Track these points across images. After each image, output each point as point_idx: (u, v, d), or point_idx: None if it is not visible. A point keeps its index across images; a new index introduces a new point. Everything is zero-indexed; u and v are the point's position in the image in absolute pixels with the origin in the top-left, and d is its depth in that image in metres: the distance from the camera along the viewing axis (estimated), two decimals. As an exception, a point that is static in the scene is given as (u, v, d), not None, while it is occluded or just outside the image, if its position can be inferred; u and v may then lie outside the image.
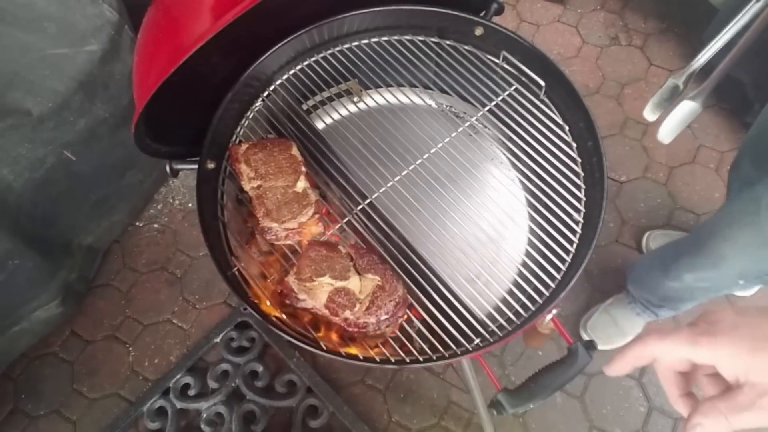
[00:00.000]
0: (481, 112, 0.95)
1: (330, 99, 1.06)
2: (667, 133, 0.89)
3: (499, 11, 0.98)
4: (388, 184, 0.89)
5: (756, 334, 0.38)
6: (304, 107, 1.05)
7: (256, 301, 0.82)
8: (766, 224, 0.88)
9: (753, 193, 0.91)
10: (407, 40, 0.99)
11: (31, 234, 1.34)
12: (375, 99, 0.99)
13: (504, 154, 0.99)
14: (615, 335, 1.52)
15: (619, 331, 1.52)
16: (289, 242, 0.85)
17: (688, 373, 0.44)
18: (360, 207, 0.87)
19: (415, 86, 1.03)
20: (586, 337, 1.53)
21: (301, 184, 0.87)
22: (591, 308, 1.58)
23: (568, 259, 0.81)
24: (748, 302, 1.59)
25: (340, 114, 1.00)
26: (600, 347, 1.51)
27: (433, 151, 0.92)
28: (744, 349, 0.38)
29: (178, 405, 1.47)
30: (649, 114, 0.90)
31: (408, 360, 0.76)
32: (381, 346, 0.80)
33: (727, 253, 0.99)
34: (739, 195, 0.99)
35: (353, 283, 0.79)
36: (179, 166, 0.92)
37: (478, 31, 0.96)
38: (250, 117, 0.97)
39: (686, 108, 0.86)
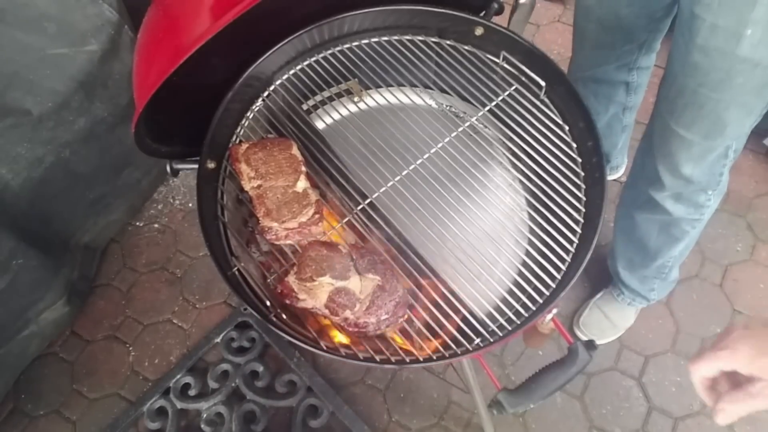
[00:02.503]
0: (481, 112, 0.95)
1: (330, 99, 1.06)
2: (515, 28, 1.00)
3: (499, 11, 0.98)
4: (388, 184, 0.89)
5: (760, 344, 0.53)
6: (304, 107, 1.04)
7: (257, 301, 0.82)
8: None
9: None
10: (407, 40, 0.99)
11: (31, 233, 1.34)
12: (375, 99, 0.99)
13: (504, 154, 0.99)
14: (608, 329, 1.53)
15: (612, 325, 1.53)
16: (289, 242, 0.85)
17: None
18: (360, 207, 0.87)
19: (415, 86, 1.03)
20: (580, 335, 1.54)
21: (302, 183, 0.87)
22: (581, 306, 1.59)
23: (568, 259, 0.81)
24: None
25: (340, 114, 1.00)
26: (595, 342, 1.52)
27: (433, 151, 0.92)
28: (753, 356, 0.53)
29: (179, 405, 1.47)
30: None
31: (408, 360, 0.76)
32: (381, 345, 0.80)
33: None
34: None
35: (353, 282, 0.79)
36: (179, 166, 0.92)
37: (478, 31, 0.96)
38: (250, 117, 0.97)
39: (523, 8, 1.01)
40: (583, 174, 0.87)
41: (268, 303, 0.82)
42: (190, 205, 1.81)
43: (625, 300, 1.49)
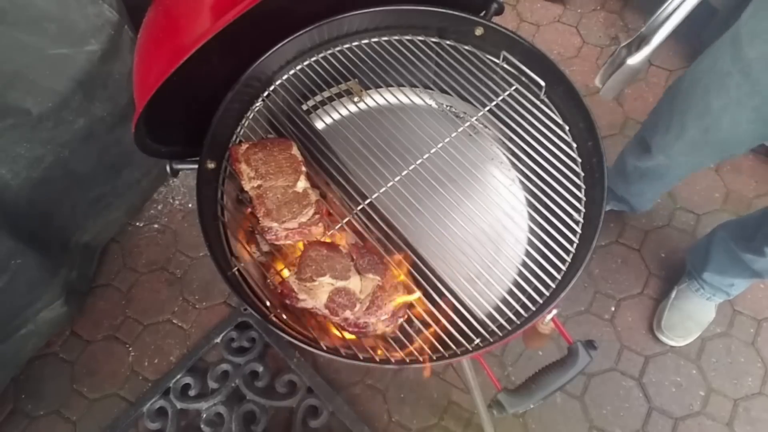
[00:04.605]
0: (481, 112, 0.95)
1: (330, 99, 1.06)
2: (608, 92, 0.95)
3: (499, 11, 0.98)
4: (388, 184, 0.89)
5: None
6: (304, 107, 1.04)
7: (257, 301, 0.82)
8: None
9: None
10: (407, 40, 0.99)
11: (30, 232, 1.34)
12: (375, 99, 0.99)
13: (504, 154, 1.00)
14: (692, 328, 1.51)
15: (696, 323, 1.51)
16: (289, 242, 0.85)
17: None
18: (360, 207, 0.87)
19: (415, 86, 1.03)
20: (666, 341, 1.52)
21: (302, 184, 0.87)
22: (657, 309, 1.57)
23: (568, 259, 0.81)
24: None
25: (340, 114, 1.00)
26: (681, 344, 1.52)
27: (433, 151, 0.92)
28: None
29: (179, 405, 1.47)
30: (601, 81, 0.96)
31: (408, 360, 0.76)
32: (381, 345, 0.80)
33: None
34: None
35: (353, 283, 0.79)
36: (179, 166, 0.92)
37: (478, 31, 0.96)
38: (250, 117, 0.97)
39: (627, 70, 0.92)
40: (583, 174, 0.87)
41: (268, 303, 0.82)
42: (190, 205, 1.81)
43: (705, 295, 1.47)
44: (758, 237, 1.22)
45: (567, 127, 0.91)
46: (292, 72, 0.99)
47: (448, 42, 0.99)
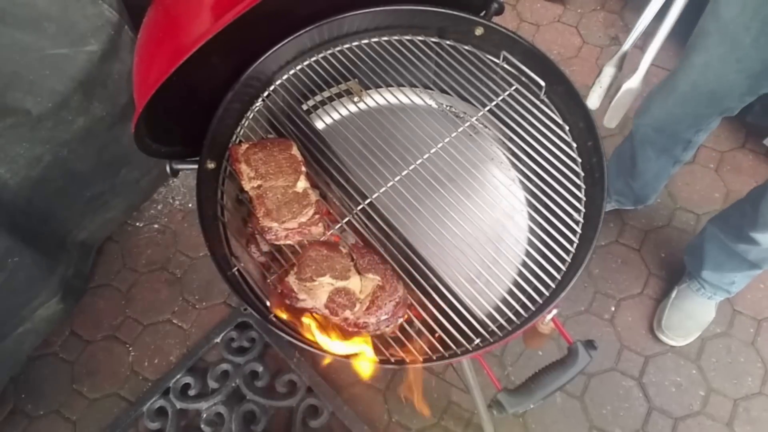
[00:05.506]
0: (481, 112, 0.95)
1: (330, 99, 1.06)
2: (611, 119, 0.95)
3: (499, 11, 0.98)
4: (388, 184, 0.89)
5: None
6: (304, 107, 1.04)
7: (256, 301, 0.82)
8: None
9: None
10: (407, 40, 0.99)
11: (28, 231, 1.34)
12: (375, 99, 0.99)
13: (504, 154, 0.99)
14: (692, 328, 1.51)
15: (696, 323, 1.51)
16: (289, 242, 0.85)
17: None
18: (360, 207, 0.87)
19: (415, 86, 1.03)
20: (666, 340, 1.52)
21: (302, 184, 0.87)
22: (657, 309, 1.57)
23: (568, 259, 0.81)
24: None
25: (340, 114, 1.00)
26: (681, 343, 1.52)
27: (433, 151, 0.92)
28: None
29: (178, 405, 1.47)
30: (594, 102, 0.95)
31: (408, 360, 0.75)
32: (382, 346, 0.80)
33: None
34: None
35: (353, 282, 0.79)
36: (179, 166, 0.92)
37: (478, 31, 0.96)
38: (250, 117, 0.97)
39: (627, 94, 0.90)
40: (583, 174, 0.87)
41: (267, 303, 0.82)
42: (190, 205, 1.81)
43: (706, 294, 1.47)
44: (744, 224, 1.22)
45: (567, 127, 0.91)
46: (292, 72, 0.99)
47: (448, 42, 0.99)
